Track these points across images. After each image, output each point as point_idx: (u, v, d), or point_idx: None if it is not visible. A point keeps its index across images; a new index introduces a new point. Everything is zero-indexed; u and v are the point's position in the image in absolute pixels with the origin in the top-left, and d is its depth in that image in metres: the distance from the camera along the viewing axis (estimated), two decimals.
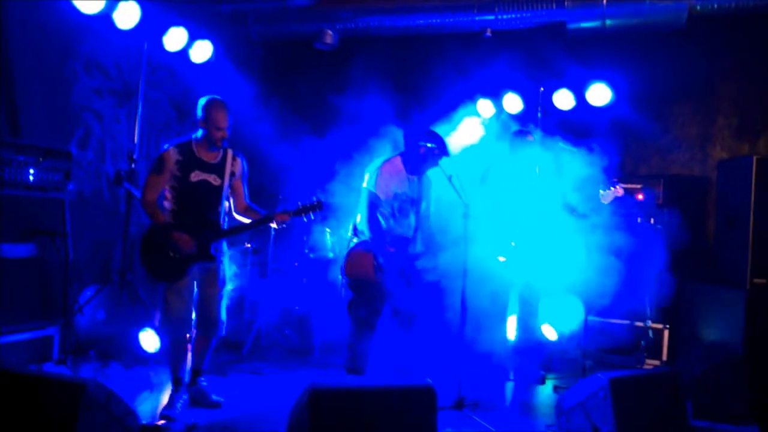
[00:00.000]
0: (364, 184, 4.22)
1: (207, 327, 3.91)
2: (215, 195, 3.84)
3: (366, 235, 4.18)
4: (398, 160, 4.31)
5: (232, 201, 3.99)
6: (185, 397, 3.87)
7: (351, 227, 4.34)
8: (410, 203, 4.33)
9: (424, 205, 4.41)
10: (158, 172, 3.76)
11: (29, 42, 4.52)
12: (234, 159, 3.93)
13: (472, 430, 3.73)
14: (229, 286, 4.03)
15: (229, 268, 4.04)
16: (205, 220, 3.80)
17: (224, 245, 3.97)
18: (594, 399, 3.29)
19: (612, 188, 4.69)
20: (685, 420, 3.46)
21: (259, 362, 5.03)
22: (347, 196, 4.67)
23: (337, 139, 5.42)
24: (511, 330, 5.27)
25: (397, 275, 4.11)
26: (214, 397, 3.94)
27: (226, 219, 3.98)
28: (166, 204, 3.81)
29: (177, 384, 3.84)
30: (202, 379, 3.99)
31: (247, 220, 3.99)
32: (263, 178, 5.64)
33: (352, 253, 4.18)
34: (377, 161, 4.30)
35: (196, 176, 3.77)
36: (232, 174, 3.92)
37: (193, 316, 3.86)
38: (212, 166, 3.84)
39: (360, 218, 4.25)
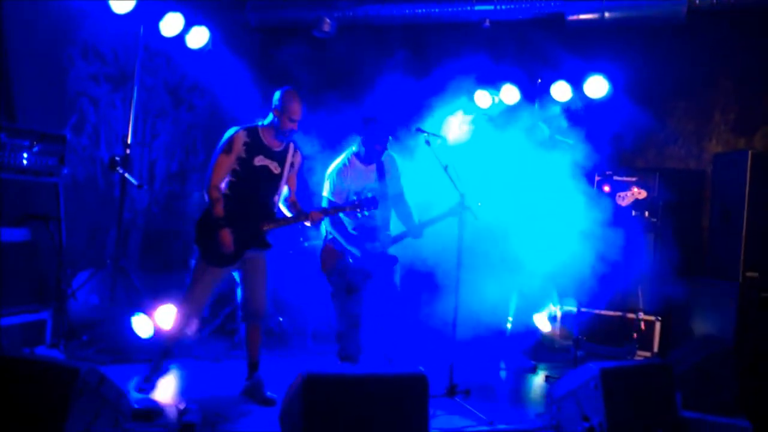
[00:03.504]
0: (324, 192, 4.27)
1: (257, 317, 3.94)
2: (274, 182, 3.88)
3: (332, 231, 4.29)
4: (353, 158, 4.30)
5: (286, 194, 4.00)
6: (164, 369, 3.98)
7: (325, 224, 4.36)
8: (374, 193, 4.31)
9: (390, 185, 4.39)
10: (227, 152, 3.76)
11: (25, 26, 4.48)
12: (295, 151, 3.98)
13: (463, 418, 3.76)
14: None
15: None
16: (260, 206, 3.84)
17: None
18: (585, 389, 3.32)
19: (632, 190, 4.65)
20: (674, 411, 3.49)
21: None
22: None
23: (333, 127, 5.40)
24: (506, 320, 5.30)
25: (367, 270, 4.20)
26: (268, 393, 3.91)
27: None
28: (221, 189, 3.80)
29: (164, 355, 3.93)
30: (259, 374, 3.99)
31: (289, 214, 4.04)
32: None
33: (324, 250, 4.34)
34: (332, 168, 4.29)
35: (259, 161, 3.82)
36: (292, 165, 3.95)
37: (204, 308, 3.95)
38: (275, 153, 3.88)
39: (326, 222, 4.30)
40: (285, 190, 3.99)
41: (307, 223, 3.95)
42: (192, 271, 3.89)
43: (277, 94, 3.89)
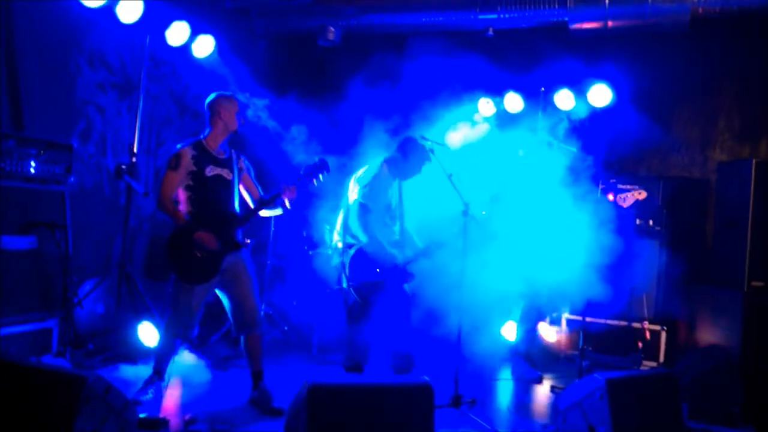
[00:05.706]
0: (356, 196, 4.25)
1: (253, 327, 3.91)
2: (230, 189, 3.90)
3: (362, 239, 4.28)
4: (385, 168, 4.33)
5: (250, 199, 4.02)
6: (162, 385, 3.92)
7: (342, 236, 4.37)
8: (396, 209, 4.36)
9: (403, 205, 4.46)
10: (174, 168, 3.76)
11: (34, 35, 4.51)
12: (239, 157, 4.04)
13: (468, 428, 3.75)
14: None
15: None
16: (225, 214, 3.84)
17: None
18: (591, 399, 3.31)
19: (632, 191, 4.66)
20: (680, 421, 3.48)
21: None
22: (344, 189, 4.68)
23: (337, 135, 5.42)
24: (510, 329, 5.30)
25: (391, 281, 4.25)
26: (275, 403, 3.89)
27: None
28: (182, 208, 3.81)
29: (156, 374, 3.90)
30: (265, 383, 3.98)
31: (269, 213, 4.06)
32: (264, 173, 5.64)
33: (355, 259, 4.31)
34: (369, 174, 4.30)
35: (211, 171, 3.84)
36: (240, 169, 3.99)
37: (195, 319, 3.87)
38: (223, 161, 3.92)
39: (355, 228, 4.31)
40: (248, 197, 4.00)
41: (287, 204, 3.88)
42: (172, 296, 3.80)
43: (210, 103, 3.90)
